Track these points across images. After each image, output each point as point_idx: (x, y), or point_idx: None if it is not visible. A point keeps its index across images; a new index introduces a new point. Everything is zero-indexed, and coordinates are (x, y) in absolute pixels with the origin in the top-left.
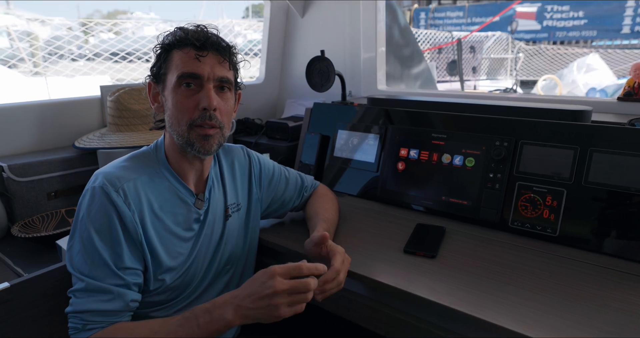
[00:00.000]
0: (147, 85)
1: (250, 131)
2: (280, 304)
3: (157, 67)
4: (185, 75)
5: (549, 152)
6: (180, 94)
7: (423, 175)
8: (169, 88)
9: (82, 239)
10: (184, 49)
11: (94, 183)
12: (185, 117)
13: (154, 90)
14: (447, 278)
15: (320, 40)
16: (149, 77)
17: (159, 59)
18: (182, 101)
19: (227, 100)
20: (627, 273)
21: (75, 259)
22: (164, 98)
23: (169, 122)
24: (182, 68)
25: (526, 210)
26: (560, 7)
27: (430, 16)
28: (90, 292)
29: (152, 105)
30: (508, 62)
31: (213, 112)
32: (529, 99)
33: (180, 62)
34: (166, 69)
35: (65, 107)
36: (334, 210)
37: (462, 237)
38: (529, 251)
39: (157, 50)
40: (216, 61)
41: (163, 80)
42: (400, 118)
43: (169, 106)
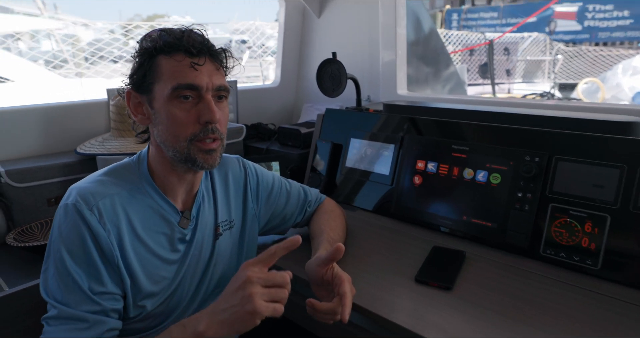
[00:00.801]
0: (125, 95)
1: (262, 137)
2: (254, 293)
3: (140, 75)
4: (182, 86)
5: (590, 171)
6: (177, 107)
7: (442, 191)
8: (160, 100)
9: (55, 262)
10: (174, 55)
11: (67, 200)
12: (185, 133)
13: (134, 100)
14: (463, 316)
15: (338, 42)
16: (128, 86)
17: (141, 65)
18: (180, 115)
19: (225, 108)
20: None
21: (49, 283)
22: (152, 110)
23: (161, 136)
24: (177, 79)
25: (561, 237)
26: (603, 7)
27: (462, 17)
28: (64, 319)
29: (134, 117)
30: (546, 65)
31: (215, 124)
32: (566, 107)
33: (173, 71)
34: (153, 78)
35: (71, 110)
36: (340, 228)
37: (484, 264)
38: (564, 286)
39: (137, 55)
40: (213, 68)
41: (149, 90)
42: (418, 127)
43: (161, 120)
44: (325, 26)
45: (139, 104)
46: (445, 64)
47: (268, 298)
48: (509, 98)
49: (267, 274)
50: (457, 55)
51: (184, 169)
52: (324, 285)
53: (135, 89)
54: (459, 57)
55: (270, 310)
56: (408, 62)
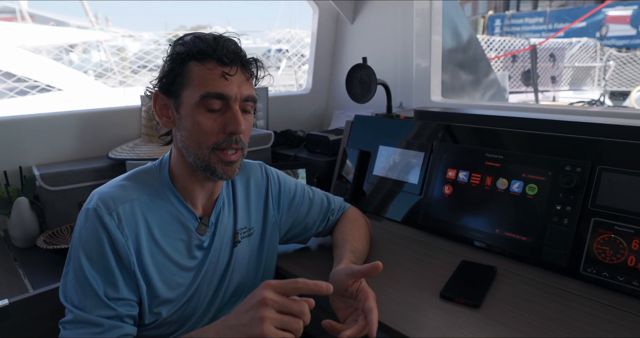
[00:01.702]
0: (152, 96)
1: (291, 144)
2: (265, 318)
3: (170, 79)
4: (211, 95)
5: (638, 182)
6: (204, 115)
7: (473, 202)
8: (187, 106)
9: (74, 266)
10: (206, 63)
11: (88, 204)
12: (208, 141)
13: (161, 102)
14: (489, 337)
15: (371, 48)
16: (155, 87)
17: (172, 70)
18: (206, 123)
19: (249, 119)
20: None
21: (68, 287)
22: (178, 114)
23: (184, 142)
24: (207, 87)
25: (604, 255)
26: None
27: (506, 23)
28: (79, 323)
29: (159, 119)
30: (596, 71)
31: (239, 135)
32: (612, 114)
33: (203, 79)
34: (182, 84)
35: (105, 117)
36: (364, 239)
37: (516, 281)
38: (606, 309)
39: (168, 59)
40: (243, 79)
41: (177, 94)
42: (450, 134)
43: (186, 126)
44: (358, 32)
45: (164, 106)
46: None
47: (279, 326)
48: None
49: (284, 300)
50: (498, 62)
51: (203, 176)
52: (344, 296)
53: (163, 92)
54: (500, 64)
55: (277, 337)
56: (444, 69)
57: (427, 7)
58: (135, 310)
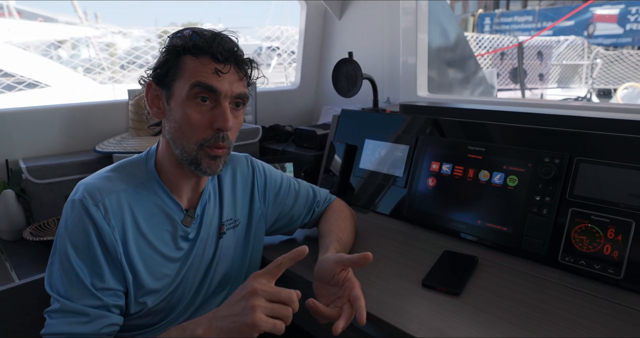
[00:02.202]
0: (145, 86)
1: (279, 138)
2: (256, 306)
3: (164, 70)
4: (201, 85)
5: (614, 173)
6: (193, 108)
7: (456, 193)
8: (178, 98)
9: (60, 256)
10: (201, 58)
11: (74, 195)
12: (196, 136)
13: (153, 93)
14: (469, 323)
15: (358, 44)
16: (149, 77)
17: (166, 61)
18: (195, 117)
19: (239, 116)
20: None
21: (54, 277)
22: (168, 106)
23: (172, 134)
24: (197, 77)
25: (581, 244)
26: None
27: (495, 21)
28: (66, 313)
29: (150, 109)
30: (583, 69)
31: (226, 132)
32: (591, 108)
33: (196, 71)
34: (175, 75)
35: (92, 110)
36: (349, 230)
37: (497, 270)
38: (582, 296)
39: (164, 51)
40: (236, 77)
41: (169, 86)
42: (433, 127)
43: (175, 118)
44: (345, 28)
45: (156, 97)
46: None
47: (270, 314)
48: (533, 100)
49: (273, 289)
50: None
51: (188, 169)
52: (329, 284)
53: (156, 82)
54: (489, 61)
55: (269, 325)
56: (433, 67)
57: (413, 6)
58: (121, 300)
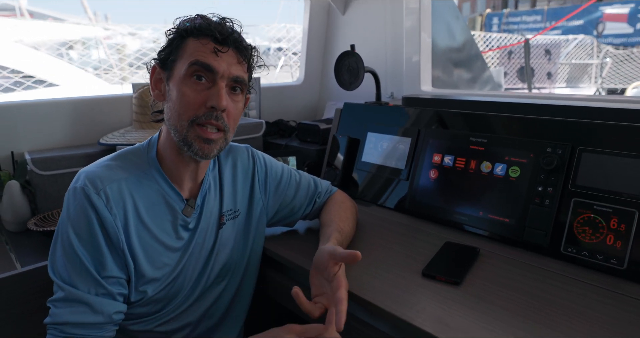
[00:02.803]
0: (150, 69)
1: (283, 133)
2: None
3: (167, 52)
4: (198, 64)
5: (616, 162)
6: (189, 86)
7: (458, 185)
8: (177, 77)
9: (63, 243)
10: (201, 39)
11: (75, 183)
12: (188, 113)
13: (157, 76)
14: (468, 311)
15: (362, 40)
16: (155, 60)
17: (170, 44)
18: (189, 94)
19: (238, 102)
20: None
21: (57, 264)
22: (168, 87)
23: (168, 114)
24: (196, 56)
25: (584, 234)
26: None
27: (503, 21)
28: (71, 302)
29: (152, 92)
30: (592, 68)
31: (221, 112)
32: (596, 98)
33: (195, 50)
34: (177, 56)
35: (97, 104)
36: (350, 220)
37: (498, 261)
38: (584, 286)
39: (170, 34)
40: (235, 60)
41: (171, 67)
42: (435, 119)
43: (172, 97)
44: (349, 23)
45: (159, 80)
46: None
47: None
48: (535, 94)
49: None
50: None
51: (187, 155)
52: (322, 275)
53: (159, 65)
54: (496, 60)
55: None
56: (438, 67)
57: (417, 6)
58: (125, 289)
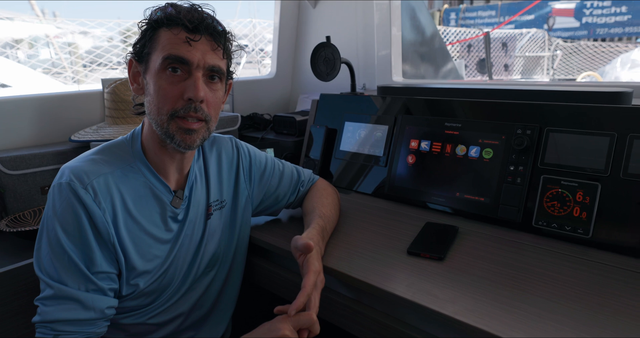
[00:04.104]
0: (127, 63)
1: (258, 127)
2: None
3: (141, 44)
4: (171, 57)
5: (580, 140)
6: (165, 79)
7: (435, 169)
8: (152, 70)
9: (49, 240)
10: (173, 28)
11: (60, 179)
12: (166, 106)
13: (134, 69)
14: (453, 283)
15: (333, 32)
16: (130, 54)
17: (143, 35)
18: (166, 87)
19: (217, 91)
20: None
21: (43, 261)
22: (145, 81)
23: (148, 108)
24: (169, 49)
25: (553, 208)
26: (601, 3)
27: (461, 16)
28: (61, 299)
29: (131, 86)
30: (545, 60)
31: (199, 103)
32: (558, 84)
33: (168, 43)
34: (150, 48)
35: (65, 101)
36: (332, 205)
37: (477, 237)
38: (555, 255)
39: (143, 26)
40: (209, 47)
41: (146, 60)
42: (411, 107)
43: (150, 91)
44: (320, 17)
45: (137, 73)
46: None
47: None
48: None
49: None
50: (455, 51)
51: (171, 147)
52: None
53: (135, 58)
54: (456, 53)
55: None
56: (406, 60)
57: (387, 2)
58: (115, 283)
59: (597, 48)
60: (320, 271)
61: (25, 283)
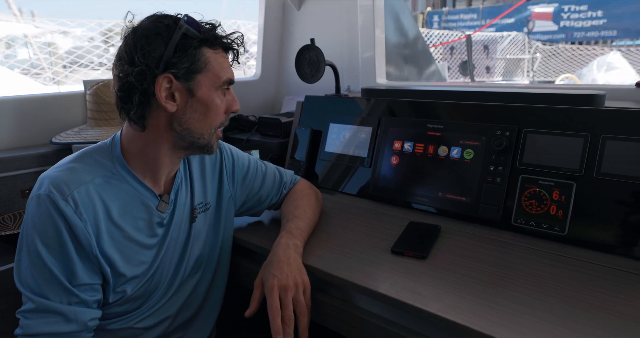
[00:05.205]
0: (161, 79)
1: (243, 128)
2: None
3: (187, 64)
4: (229, 81)
5: (556, 141)
6: (218, 97)
7: (418, 169)
8: (206, 89)
9: (29, 253)
10: (216, 49)
11: (39, 190)
12: (217, 121)
13: (165, 85)
14: (436, 281)
15: (318, 35)
16: (170, 72)
17: (184, 52)
18: (220, 105)
19: None
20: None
21: (24, 274)
22: (191, 98)
23: (192, 124)
24: (227, 74)
25: (531, 207)
26: (578, 7)
27: (443, 19)
28: (42, 312)
29: (164, 104)
30: (525, 63)
31: None
32: (536, 86)
33: (221, 66)
34: (198, 67)
35: (46, 103)
36: (310, 207)
37: (459, 236)
38: (533, 252)
39: (178, 43)
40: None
41: (190, 78)
42: (394, 109)
43: (199, 108)
44: (305, 19)
45: (169, 89)
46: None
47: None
48: (482, 83)
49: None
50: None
51: (182, 154)
52: None
53: (176, 76)
54: (440, 56)
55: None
56: (390, 63)
57: (371, 4)
58: (99, 294)
59: (575, 51)
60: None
61: (5, 288)
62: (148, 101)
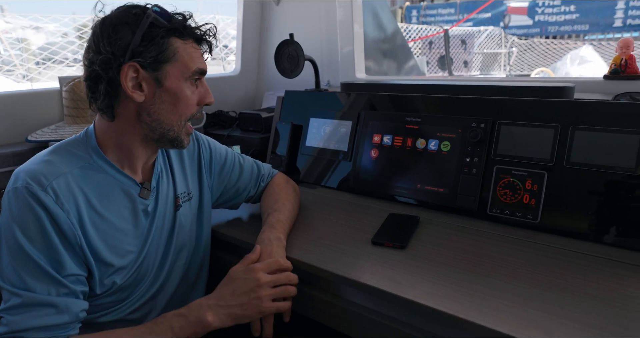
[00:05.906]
0: (127, 68)
1: (224, 124)
2: (263, 296)
3: (153, 53)
4: (200, 71)
5: (528, 132)
6: (188, 88)
7: (397, 162)
8: (174, 79)
9: (9, 248)
10: (186, 39)
11: (15, 184)
12: (187, 112)
13: (132, 74)
14: (414, 269)
15: (297, 30)
16: (136, 60)
17: (152, 43)
18: (190, 96)
19: None
20: (611, 260)
21: (5, 271)
22: (159, 88)
23: (161, 114)
24: (196, 63)
25: (505, 196)
26: (552, 2)
27: (422, 13)
28: (31, 306)
29: (131, 93)
30: (502, 57)
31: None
32: (509, 79)
33: (190, 56)
34: (166, 57)
35: (21, 100)
36: (288, 199)
37: (437, 226)
38: (508, 239)
39: (146, 32)
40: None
41: (157, 68)
42: (373, 102)
43: (168, 99)
44: (284, 14)
45: (136, 78)
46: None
47: (276, 297)
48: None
49: (275, 276)
50: (417, 48)
51: (155, 147)
52: None
53: (142, 65)
54: (419, 50)
55: (275, 308)
56: (369, 57)
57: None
58: (85, 286)
59: (549, 45)
60: (273, 262)
61: None
62: (115, 91)
